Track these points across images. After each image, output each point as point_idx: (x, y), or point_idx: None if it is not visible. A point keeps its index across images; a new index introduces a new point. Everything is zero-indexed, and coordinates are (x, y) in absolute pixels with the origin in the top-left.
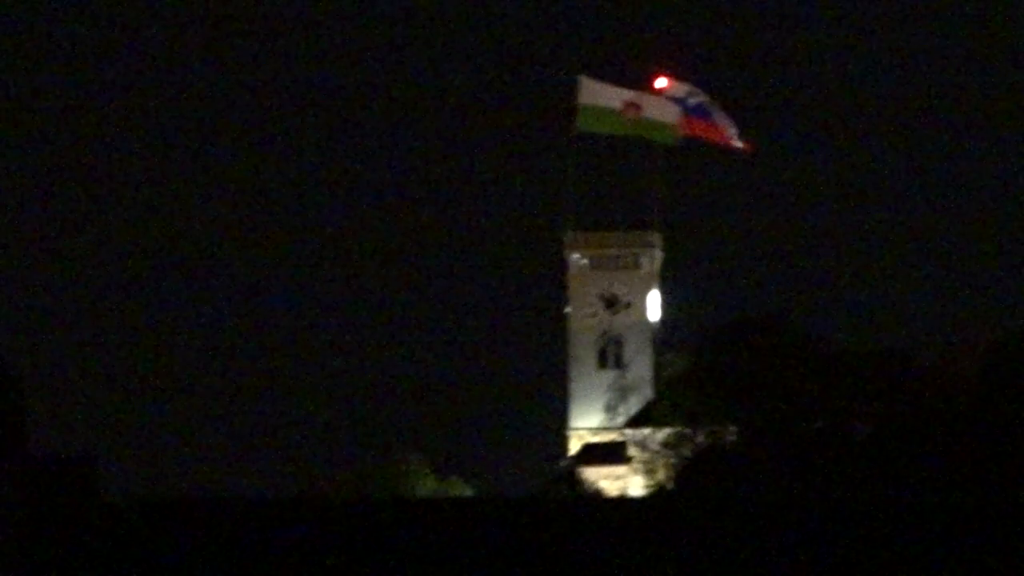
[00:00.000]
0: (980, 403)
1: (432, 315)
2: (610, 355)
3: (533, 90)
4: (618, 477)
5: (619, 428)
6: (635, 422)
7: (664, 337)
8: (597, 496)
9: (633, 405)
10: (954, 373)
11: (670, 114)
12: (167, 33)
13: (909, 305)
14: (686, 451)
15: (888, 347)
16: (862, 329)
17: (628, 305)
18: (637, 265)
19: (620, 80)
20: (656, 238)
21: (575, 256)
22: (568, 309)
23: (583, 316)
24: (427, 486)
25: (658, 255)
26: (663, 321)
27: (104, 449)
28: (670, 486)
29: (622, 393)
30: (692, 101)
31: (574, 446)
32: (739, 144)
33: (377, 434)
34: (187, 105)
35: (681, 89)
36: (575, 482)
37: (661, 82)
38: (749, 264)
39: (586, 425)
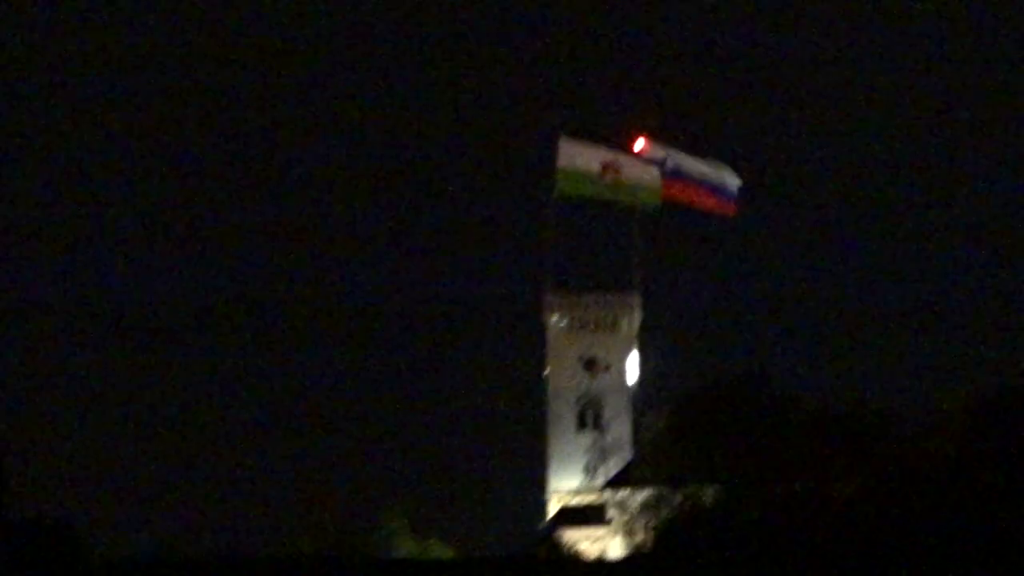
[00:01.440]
0: (962, 465)
1: (412, 376)
2: (589, 416)
3: (512, 152)
4: (597, 539)
5: (598, 489)
6: (614, 483)
7: (643, 398)
8: (576, 558)
9: (612, 466)
10: (936, 434)
11: (650, 176)
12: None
13: (890, 365)
14: (665, 512)
15: (868, 408)
16: (842, 390)
17: (607, 367)
18: (616, 326)
19: (599, 140)
20: (635, 299)
21: (554, 318)
22: (547, 371)
23: (562, 378)
24: (406, 547)
25: (637, 316)
26: (642, 382)
27: (86, 512)
28: (649, 548)
29: (601, 454)
30: (671, 163)
31: (553, 507)
32: (732, 188)
33: (357, 494)
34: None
35: (660, 151)
36: (554, 544)
37: (639, 144)
38: (728, 325)
39: (565, 486)
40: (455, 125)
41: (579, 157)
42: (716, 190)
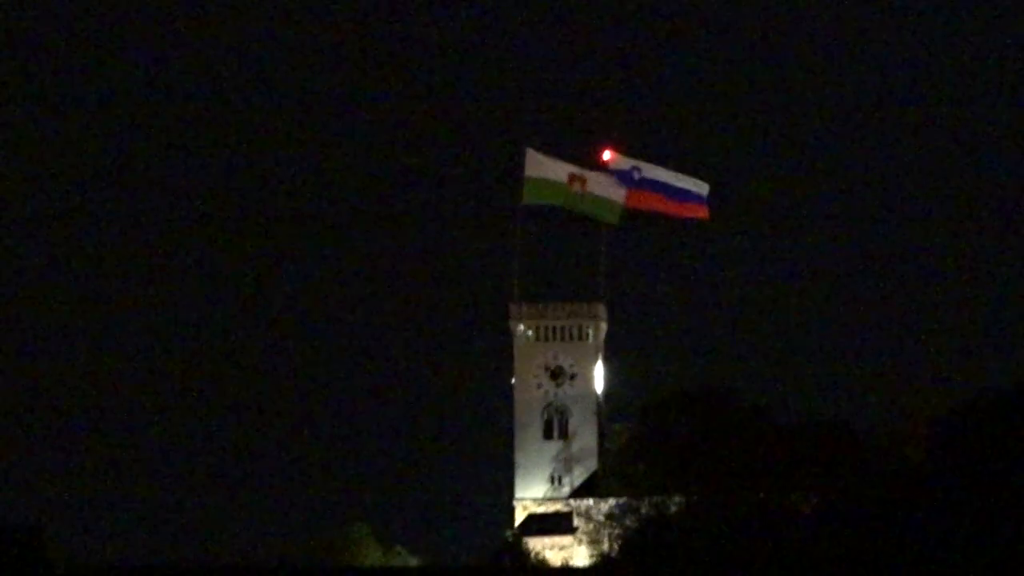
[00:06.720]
0: (926, 476)
1: (378, 385)
2: (555, 426)
3: (479, 163)
4: (563, 547)
5: (564, 498)
6: (580, 492)
7: (609, 408)
8: (541, 567)
9: (578, 476)
10: (899, 446)
11: (615, 191)
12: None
13: (855, 378)
14: (630, 522)
15: (832, 419)
16: (807, 402)
17: (573, 376)
18: (582, 337)
19: (566, 151)
20: (601, 310)
21: (520, 327)
22: (514, 380)
23: (529, 387)
24: (372, 555)
25: (603, 327)
26: (608, 392)
27: (54, 518)
28: (615, 557)
29: (567, 463)
30: (637, 175)
31: (519, 516)
32: (702, 193)
33: (323, 503)
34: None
35: (626, 163)
36: (520, 552)
37: (607, 155)
38: (694, 336)
39: (531, 495)
40: (422, 135)
41: (546, 167)
42: (685, 196)
